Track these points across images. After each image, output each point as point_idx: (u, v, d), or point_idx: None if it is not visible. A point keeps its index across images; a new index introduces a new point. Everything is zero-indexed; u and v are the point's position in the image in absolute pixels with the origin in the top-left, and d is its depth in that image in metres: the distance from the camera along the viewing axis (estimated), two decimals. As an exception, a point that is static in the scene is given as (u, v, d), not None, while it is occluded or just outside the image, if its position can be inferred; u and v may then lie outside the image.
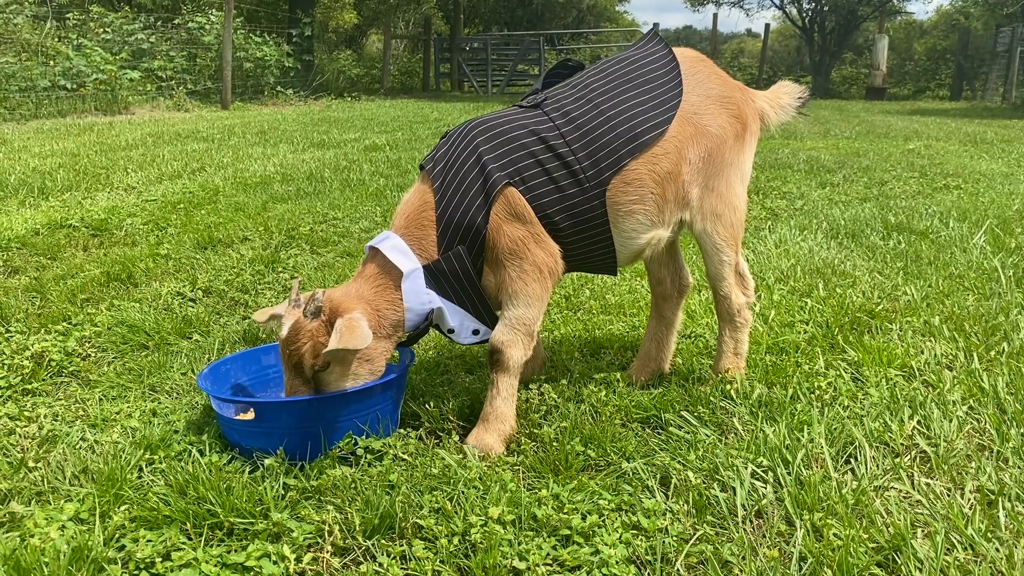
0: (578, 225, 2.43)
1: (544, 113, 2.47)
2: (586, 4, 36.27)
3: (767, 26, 27.30)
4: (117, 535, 1.91)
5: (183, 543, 1.87)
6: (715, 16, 26.61)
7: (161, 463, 2.23)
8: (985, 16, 29.16)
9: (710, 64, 2.69)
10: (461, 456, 2.27)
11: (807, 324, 3.33)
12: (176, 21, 17.30)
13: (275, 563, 1.81)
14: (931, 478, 2.14)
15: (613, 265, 2.57)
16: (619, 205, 2.45)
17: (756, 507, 2.01)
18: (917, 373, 2.81)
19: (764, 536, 1.92)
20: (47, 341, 3.15)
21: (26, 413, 2.59)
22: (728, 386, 2.64)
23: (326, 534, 1.90)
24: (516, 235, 2.36)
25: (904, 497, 2.06)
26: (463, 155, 2.39)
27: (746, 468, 2.14)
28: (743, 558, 1.82)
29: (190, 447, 2.31)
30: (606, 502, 2.02)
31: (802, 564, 1.80)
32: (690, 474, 2.13)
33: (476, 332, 2.47)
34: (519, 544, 1.87)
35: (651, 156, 2.44)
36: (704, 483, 2.11)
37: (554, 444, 2.32)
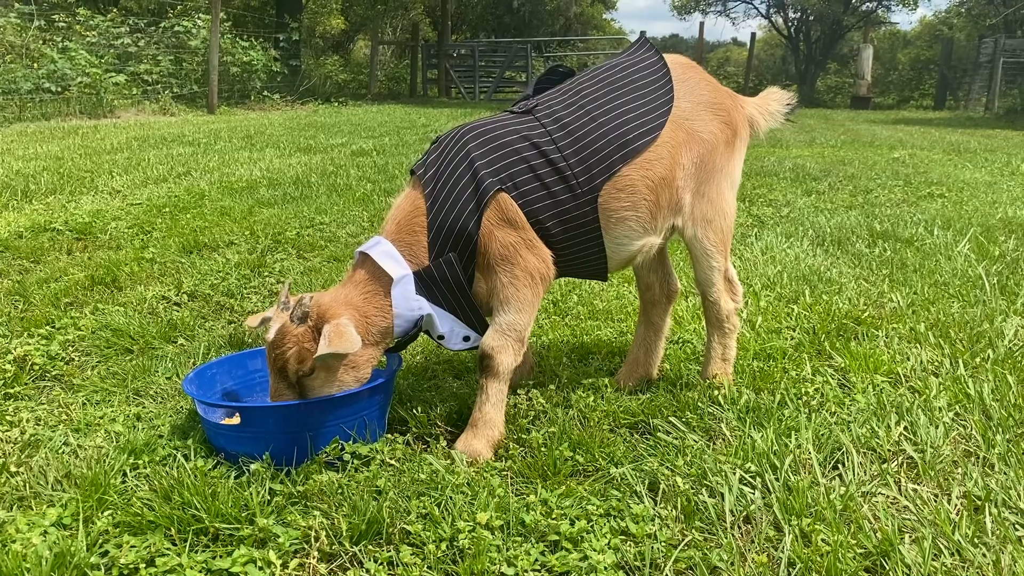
0: (570, 231, 2.42)
1: (536, 119, 2.46)
2: (573, 12, 36.41)
3: (753, 35, 27.45)
4: (100, 541, 1.88)
5: (167, 549, 1.85)
6: (701, 25, 26.90)
7: (145, 468, 2.21)
8: (968, 27, 29.53)
9: (700, 71, 2.70)
10: (449, 461, 2.25)
11: (794, 330, 3.34)
12: (163, 24, 17.21)
13: (261, 569, 1.79)
14: (918, 484, 2.15)
15: (604, 271, 2.57)
16: (611, 211, 2.45)
17: (744, 512, 2.01)
18: (903, 379, 2.82)
19: (753, 542, 1.92)
20: (30, 345, 3.11)
21: (8, 417, 2.56)
22: (716, 392, 2.64)
23: (312, 540, 1.89)
24: (508, 241, 2.35)
25: (891, 503, 2.06)
26: (455, 161, 2.38)
27: (734, 473, 2.14)
28: (732, 564, 1.82)
29: (175, 452, 2.28)
30: (594, 507, 2.02)
31: (791, 570, 1.80)
32: (678, 479, 2.13)
33: (467, 339, 2.46)
34: (507, 550, 1.86)
35: (643, 162, 2.44)
36: (692, 488, 2.11)
37: (542, 449, 2.31)
